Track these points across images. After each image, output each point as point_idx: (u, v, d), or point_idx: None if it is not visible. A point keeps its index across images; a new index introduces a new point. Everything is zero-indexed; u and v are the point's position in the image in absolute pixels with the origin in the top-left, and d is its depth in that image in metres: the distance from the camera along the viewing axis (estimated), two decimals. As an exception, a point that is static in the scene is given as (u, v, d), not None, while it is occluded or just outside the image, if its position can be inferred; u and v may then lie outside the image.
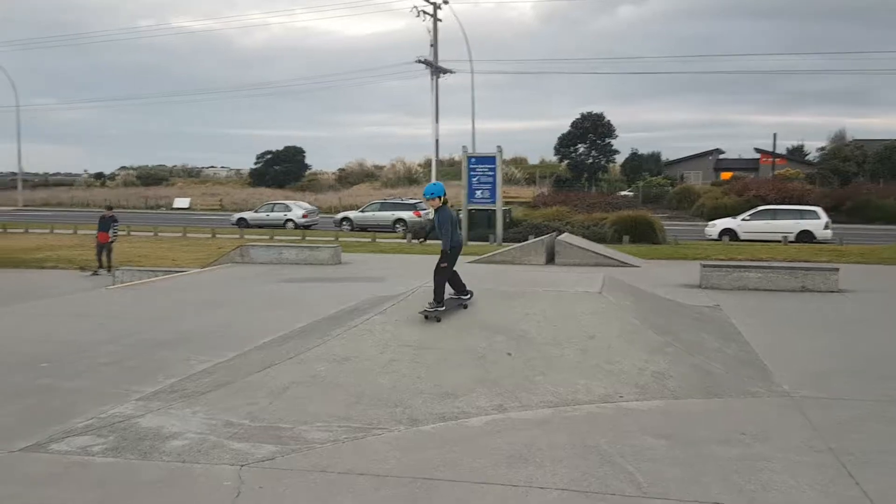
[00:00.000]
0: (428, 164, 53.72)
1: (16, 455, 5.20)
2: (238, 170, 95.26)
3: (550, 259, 17.08)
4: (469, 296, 8.56)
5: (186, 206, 58.04)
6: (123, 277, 16.55)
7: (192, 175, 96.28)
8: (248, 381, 7.17)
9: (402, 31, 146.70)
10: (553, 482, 4.71)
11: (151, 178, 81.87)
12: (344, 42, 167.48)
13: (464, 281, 8.63)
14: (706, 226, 30.66)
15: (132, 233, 29.11)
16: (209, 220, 41.84)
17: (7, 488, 4.67)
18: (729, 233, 28.59)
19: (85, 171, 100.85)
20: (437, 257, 8.21)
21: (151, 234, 29.72)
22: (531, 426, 5.83)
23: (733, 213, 32.27)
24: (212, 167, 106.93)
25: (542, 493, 4.56)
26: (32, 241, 26.60)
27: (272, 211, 39.48)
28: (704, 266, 14.34)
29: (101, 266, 17.61)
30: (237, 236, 28.57)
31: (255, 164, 77.25)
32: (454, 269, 8.36)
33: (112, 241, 17.81)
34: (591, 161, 61.58)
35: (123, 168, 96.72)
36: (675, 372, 7.09)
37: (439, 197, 8.23)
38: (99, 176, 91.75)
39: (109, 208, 19.13)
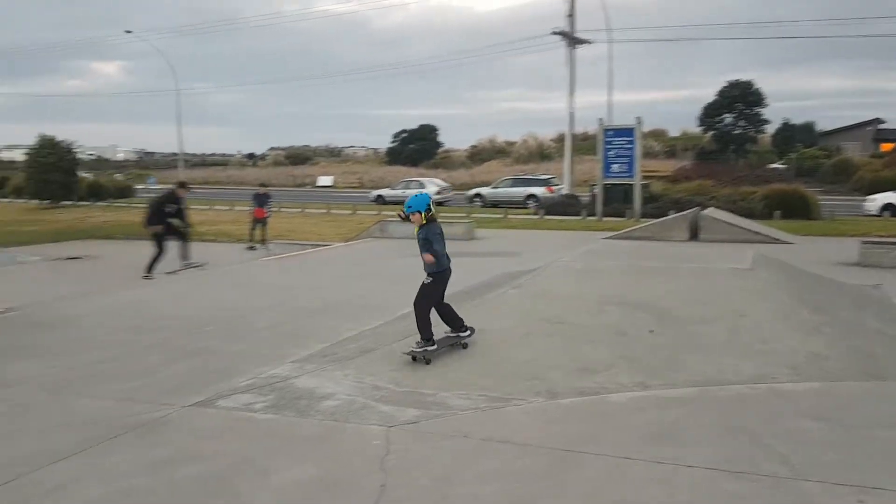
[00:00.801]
0: (560, 138, 52.91)
1: (188, 409, 5.72)
2: (376, 149, 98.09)
3: (693, 235, 16.43)
4: (469, 332, 7.03)
5: (329, 183, 60.51)
6: (276, 250, 17.60)
7: (333, 154, 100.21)
8: (391, 348, 7.46)
9: (533, 3, 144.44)
10: (700, 461, 4.59)
11: (298, 157, 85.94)
12: (477, 18, 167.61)
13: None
14: (865, 200, 28.35)
15: (282, 209, 30.76)
16: (350, 197, 43.47)
17: (183, 439, 5.14)
18: (890, 208, 26.28)
19: (238, 151, 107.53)
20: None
21: (299, 210, 31.25)
22: (676, 404, 5.69)
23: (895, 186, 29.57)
24: (351, 147, 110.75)
25: (689, 471, 4.47)
26: (194, 217, 28.64)
27: (408, 188, 40.41)
28: (864, 243, 13.35)
29: (252, 240, 18.74)
30: (375, 212, 29.50)
31: (391, 142, 79.30)
32: (446, 301, 6.98)
33: (267, 217, 18.91)
34: (738, 132, 58.34)
35: (273, 149, 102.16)
36: (832, 353, 6.67)
37: (420, 212, 6.68)
38: (251, 156, 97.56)
39: (263, 185, 20.27)
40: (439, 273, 6.74)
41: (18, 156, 66.76)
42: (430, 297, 6.75)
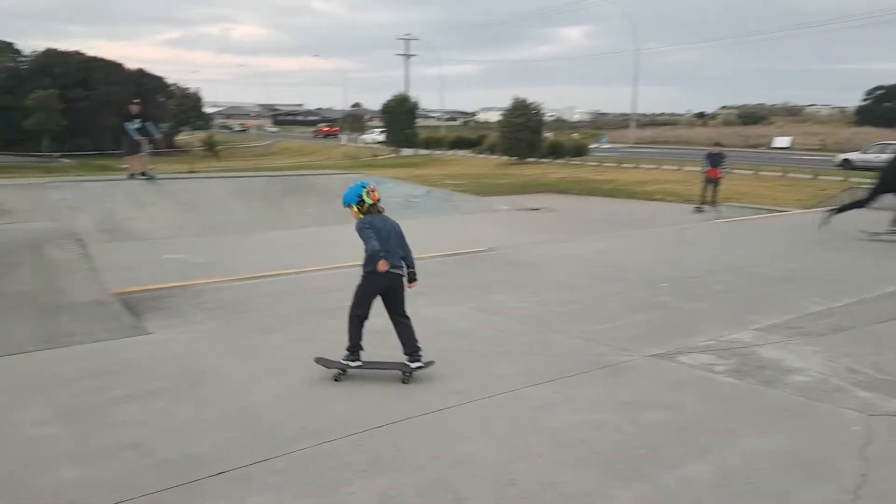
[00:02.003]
0: None
1: (649, 359, 5.90)
2: (842, 107, 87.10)
3: None
4: (420, 363, 5.33)
5: (786, 145, 55.82)
6: (727, 213, 16.98)
7: (791, 113, 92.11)
8: (870, 330, 6.68)
9: None
10: None
11: (750, 117, 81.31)
12: None
13: None
14: None
15: (732, 171, 29.44)
16: (809, 160, 39.39)
17: (646, 386, 5.32)
18: None
19: (687, 110, 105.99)
20: None
21: (751, 172, 29.53)
22: None
23: None
24: (813, 105, 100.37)
25: None
26: (642, 176, 29.32)
27: (882, 152, 34.96)
28: None
29: (703, 201, 18.33)
30: (841, 178, 26.29)
31: (863, 100, 69.45)
32: (405, 314, 5.39)
33: (721, 178, 18.32)
34: None
35: (724, 107, 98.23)
36: None
37: (351, 205, 5.32)
38: (700, 115, 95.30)
39: (718, 145, 19.67)
40: (371, 272, 5.21)
41: (493, 117, 76.13)
42: (360, 301, 5.33)
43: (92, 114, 59.94)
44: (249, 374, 5.47)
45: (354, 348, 5.36)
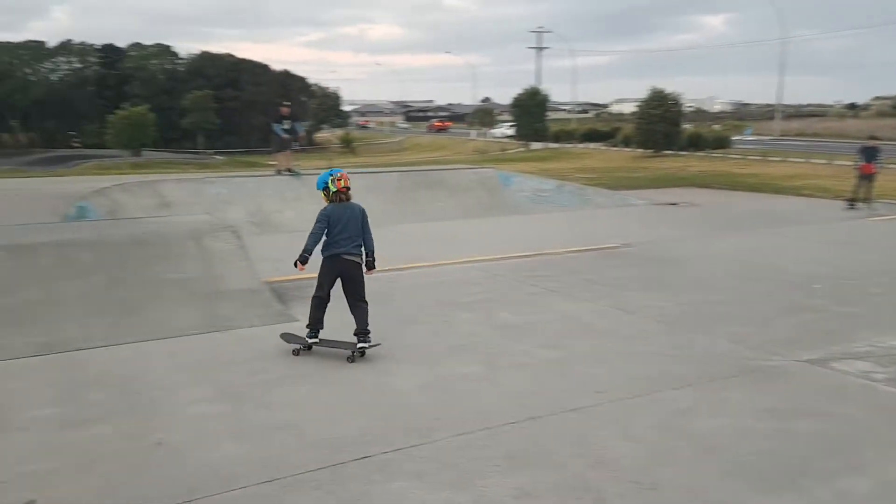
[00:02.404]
0: None
1: (800, 364, 5.59)
2: None
3: None
4: (369, 343, 5.80)
5: (953, 136, 50.70)
6: (883, 210, 15.67)
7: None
8: None
9: None
10: None
11: (912, 106, 74.46)
12: None
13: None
14: None
15: (888, 166, 27.11)
16: None
17: (797, 393, 5.05)
18: None
19: (837, 101, 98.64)
20: None
21: (912, 166, 27.07)
22: None
23: None
24: None
25: None
26: (789, 170, 27.57)
27: None
28: None
29: (855, 197, 17.00)
30: None
31: None
32: (363, 299, 5.91)
33: (876, 173, 16.89)
34: None
35: (877, 98, 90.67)
36: None
37: (321, 190, 5.91)
38: (852, 106, 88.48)
39: (873, 138, 18.12)
40: (326, 258, 5.84)
41: (626, 108, 74.14)
42: (319, 284, 5.89)
43: (241, 113, 63.83)
44: (390, 363, 5.67)
45: (313, 326, 5.92)
